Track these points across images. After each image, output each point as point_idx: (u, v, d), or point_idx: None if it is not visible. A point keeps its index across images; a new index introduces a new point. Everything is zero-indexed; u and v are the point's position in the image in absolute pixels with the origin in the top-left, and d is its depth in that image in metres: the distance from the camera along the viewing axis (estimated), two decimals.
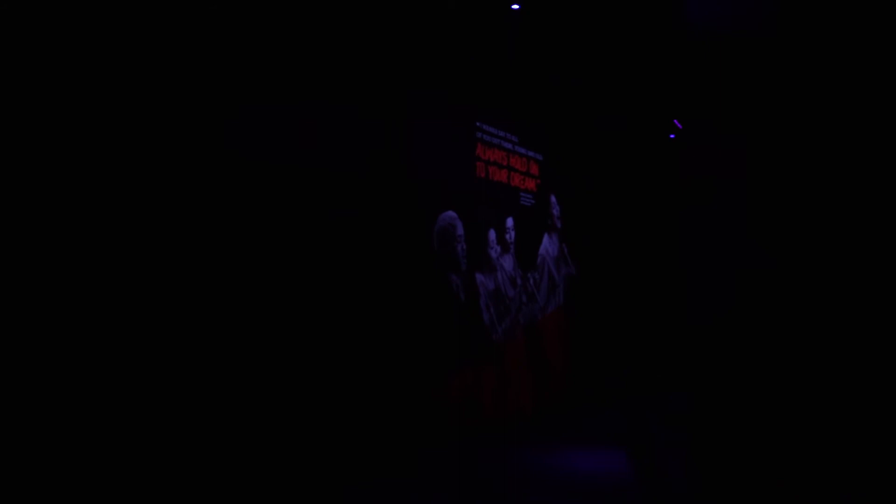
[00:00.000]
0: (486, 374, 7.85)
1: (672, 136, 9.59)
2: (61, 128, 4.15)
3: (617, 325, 10.35)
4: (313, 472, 5.50)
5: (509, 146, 8.54)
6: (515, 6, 7.28)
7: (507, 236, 8.40)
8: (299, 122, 5.63)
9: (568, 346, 9.62)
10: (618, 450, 6.39)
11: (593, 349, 10.02)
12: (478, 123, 7.98)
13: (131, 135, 4.47)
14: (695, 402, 6.67)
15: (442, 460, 6.61)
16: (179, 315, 4.64)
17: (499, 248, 8.22)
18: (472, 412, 7.50)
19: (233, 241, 5.05)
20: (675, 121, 8.89)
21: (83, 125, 4.24)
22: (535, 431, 8.06)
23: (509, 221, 8.45)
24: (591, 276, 10.12)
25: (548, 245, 9.34)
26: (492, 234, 8.09)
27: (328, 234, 5.87)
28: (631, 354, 10.81)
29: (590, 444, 7.33)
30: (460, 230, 7.47)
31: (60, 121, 4.15)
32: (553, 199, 9.50)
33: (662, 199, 11.70)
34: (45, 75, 4.09)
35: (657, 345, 11.88)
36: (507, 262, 8.42)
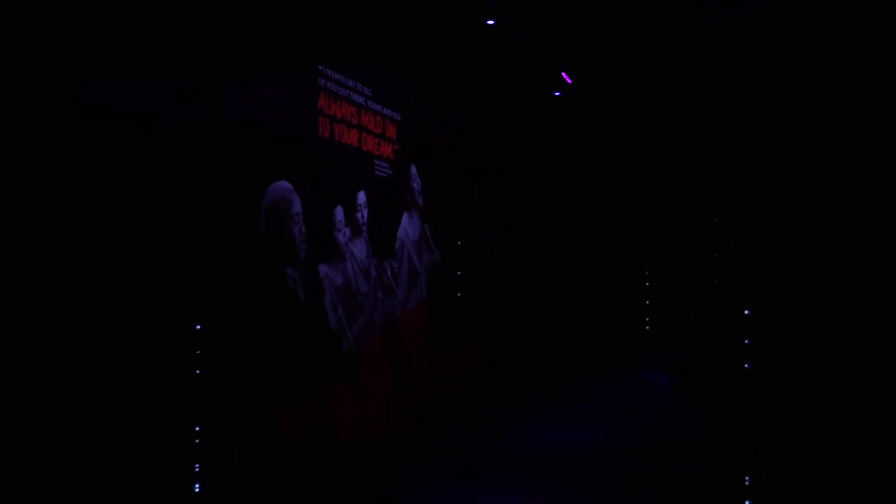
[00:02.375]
0: (336, 392, 6.27)
1: (558, 93, 8.40)
2: None
3: (497, 322, 9.15)
4: None
5: (361, 100, 6.94)
6: None
7: (359, 215, 6.82)
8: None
9: (434, 349, 8.21)
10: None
11: (462, 351, 8.71)
12: (320, 67, 6.31)
13: None
14: None
15: None
16: None
17: (348, 231, 6.62)
18: (322, 442, 5.90)
19: None
20: (564, 74, 7.69)
21: None
22: (402, 456, 6.61)
23: (361, 196, 6.87)
24: (459, 264, 8.78)
25: (407, 226, 7.86)
26: (339, 213, 6.47)
27: (97, 208, 4.03)
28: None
29: (475, 475, 5.98)
30: (297, 206, 5.80)
31: None
32: (413, 169, 8.02)
33: (552, 169, 10.62)
34: None
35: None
36: (359, 249, 6.84)
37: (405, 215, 7.82)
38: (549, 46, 7.81)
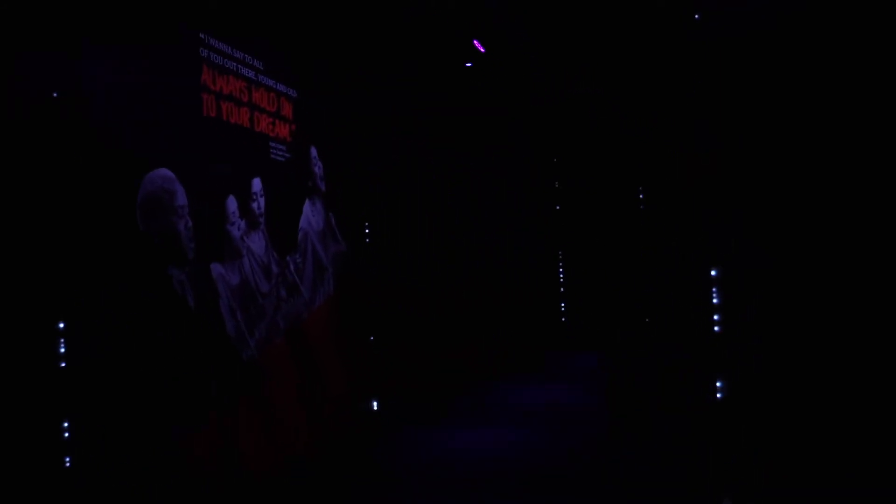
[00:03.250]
0: (239, 409, 5.53)
1: (469, 63, 7.82)
2: None
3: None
4: None
5: (251, 74, 6.15)
6: None
7: (255, 205, 6.06)
8: None
9: (347, 352, 7.55)
10: None
11: (380, 354, 8.09)
12: (202, 35, 5.50)
13: None
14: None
15: None
16: None
17: (243, 224, 5.86)
18: (225, 470, 5.17)
19: None
20: (476, 42, 7.13)
21: None
22: (314, 479, 5.97)
23: (256, 184, 6.11)
24: (369, 255, 8.13)
25: (310, 215, 7.14)
26: (232, 203, 5.71)
27: None
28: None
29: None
30: (181, 198, 5.00)
31: None
32: (314, 152, 7.29)
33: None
34: None
35: None
36: (257, 243, 6.09)
37: (307, 203, 7.10)
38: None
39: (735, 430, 4.97)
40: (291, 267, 6.62)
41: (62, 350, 3.87)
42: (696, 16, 5.46)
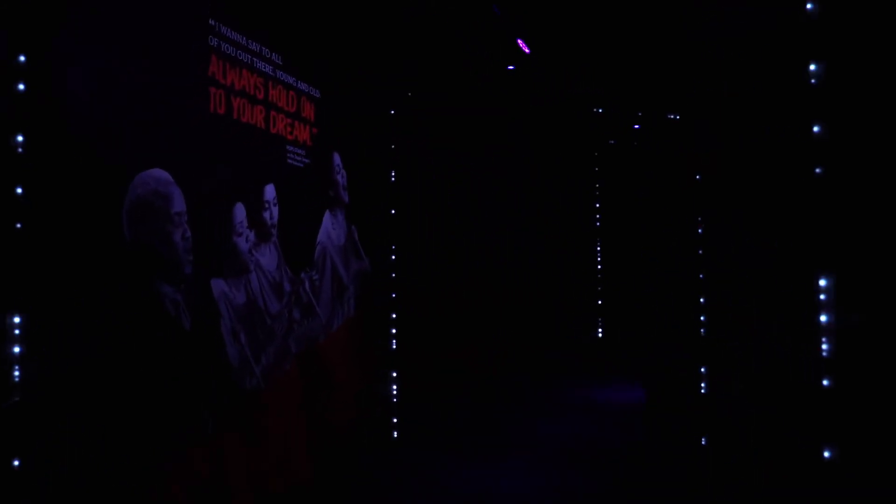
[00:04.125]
0: (238, 444, 4.91)
1: (512, 66, 7.18)
2: None
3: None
4: None
5: (268, 69, 5.58)
6: None
7: (267, 215, 5.46)
8: None
9: (367, 380, 6.91)
10: None
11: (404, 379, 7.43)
12: (212, 22, 4.93)
13: None
14: None
15: None
16: None
17: (252, 235, 5.26)
18: None
19: None
20: (521, 42, 6.48)
21: None
22: None
23: (269, 191, 5.52)
24: (396, 274, 7.48)
25: (330, 228, 6.52)
26: (239, 212, 5.11)
27: None
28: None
29: None
30: (179, 204, 4.41)
31: None
32: (337, 159, 6.69)
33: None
34: None
35: None
36: (268, 258, 5.48)
37: (327, 215, 6.48)
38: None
39: None
40: (307, 285, 6.00)
41: (16, 379, 3.27)
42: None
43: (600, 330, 13.04)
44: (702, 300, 6.77)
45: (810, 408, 4.47)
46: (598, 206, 13.06)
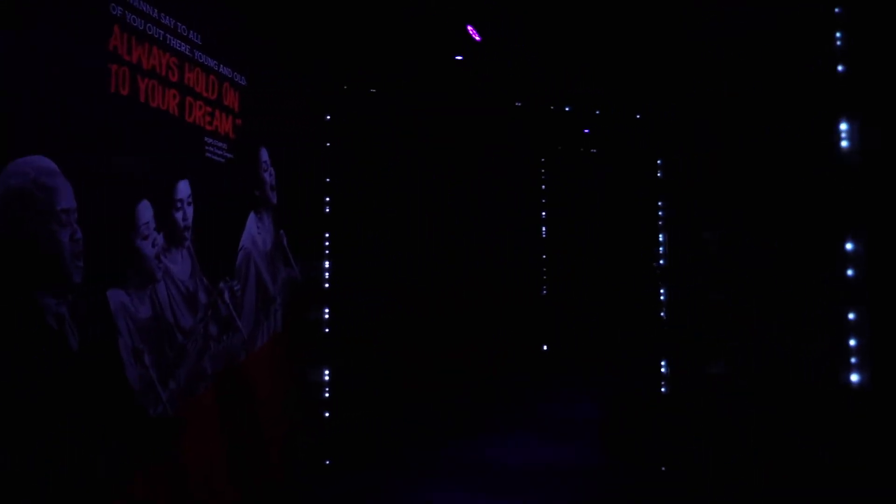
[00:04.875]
0: (140, 483, 4.21)
1: (460, 56, 6.63)
2: None
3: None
4: None
5: (185, 49, 4.90)
6: None
7: (179, 215, 4.77)
8: None
9: (300, 400, 6.24)
10: None
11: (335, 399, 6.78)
12: None
13: None
14: None
15: None
16: None
17: (161, 239, 4.56)
18: None
19: None
20: (471, 28, 5.94)
21: None
22: None
23: (183, 188, 4.83)
24: (330, 284, 6.83)
25: (255, 232, 5.86)
26: (145, 211, 4.41)
27: None
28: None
29: None
30: (67, 200, 3.71)
31: None
32: (265, 154, 6.03)
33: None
34: None
35: None
36: (180, 265, 4.79)
37: (252, 217, 5.81)
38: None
39: None
40: (226, 296, 5.32)
41: None
42: None
43: (545, 344, 12.58)
44: (662, 313, 6.41)
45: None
46: (543, 214, 12.66)
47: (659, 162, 6.45)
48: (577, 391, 10.06)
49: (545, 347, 12.08)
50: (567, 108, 7.91)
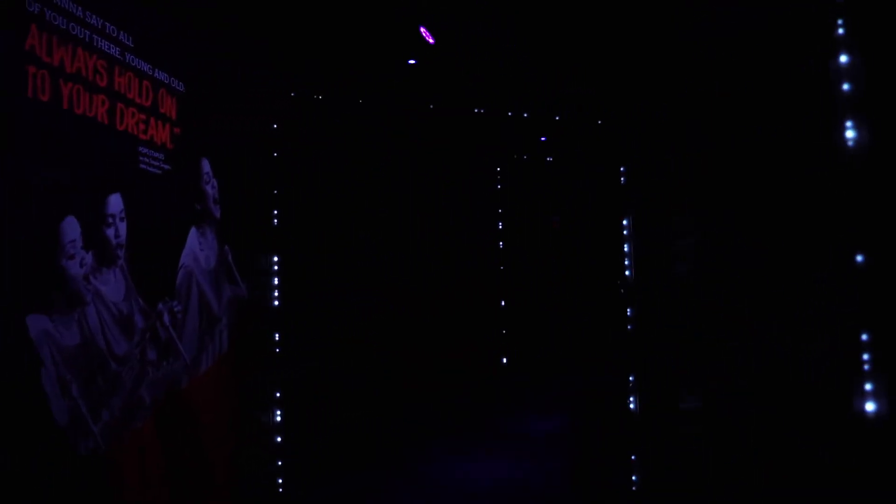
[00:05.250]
0: None
1: (413, 61, 6.35)
2: None
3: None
4: None
5: (115, 51, 4.54)
6: None
7: (110, 232, 4.40)
8: None
9: (250, 426, 5.87)
10: None
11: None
12: None
13: None
14: None
15: None
16: None
17: (90, 258, 4.19)
18: None
19: None
20: (424, 31, 5.67)
21: None
22: None
23: (114, 203, 4.46)
24: (280, 301, 6.48)
25: (197, 249, 5.49)
26: (71, 228, 4.03)
27: None
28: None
29: None
30: None
31: None
32: (207, 166, 5.67)
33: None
34: None
35: None
36: (112, 285, 4.41)
37: (193, 232, 5.44)
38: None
39: None
40: (166, 318, 4.94)
41: None
42: None
43: (504, 357, 12.27)
44: (629, 312, 6.21)
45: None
46: (500, 225, 12.44)
47: (622, 168, 6.26)
48: (538, 405, 9.82)
49: (504, 360, 11.81)
50: (525, 115, 7.70)
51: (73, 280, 4.03)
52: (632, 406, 5.91)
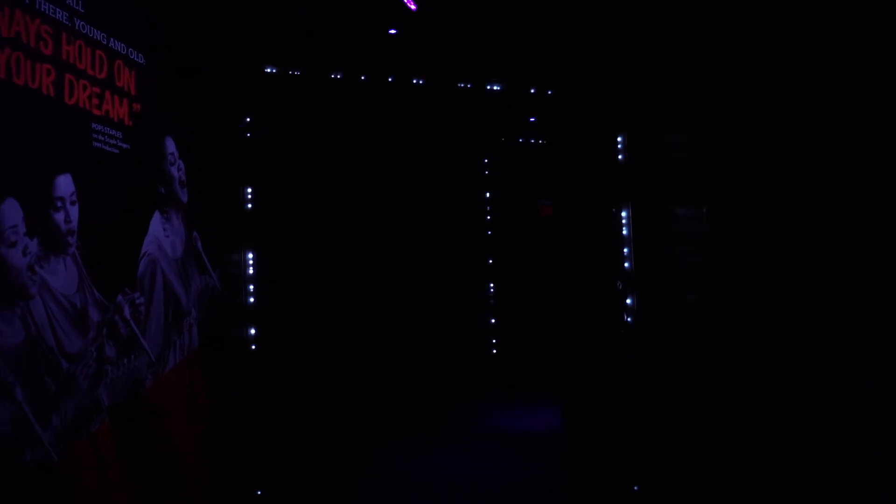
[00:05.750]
0: None
1: (394, 31, 5.90)
2: None
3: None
4: None
5: (62, 16, 4.09)
6: None
7: (60, 217, 3.97)
8: None
9: (221, 430, 5.46)
10: None
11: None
12: None
13: None
14: None
15: None
16: None
17: (34, 245, 3.76)
18: None
19: None
20: None
21: None
22: None
23: (64, 184, 4.03)
24: (256, 291, 6.06)
25: (161, 236, 5.06)
26: (11, 212, 3.60)
27: None
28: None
29: None
30: None
31: None
32: (171, 145, 5.24)
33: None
34: None
35: None
36: (62, 276, 3.99)
37: (157, 218, 5.01)
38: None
39: None
40: (126, 311, 4.52)
41: None
42: None
43: (493, 347, 11.85)
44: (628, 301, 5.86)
45: None
46: (488, 209, 12.02)
47: (620, 145, 5.86)
48: (531, 400, 9.46)
49: (494, 352, 11.43)
50: (509, 88, 7.24)
51: (14, 270, 3.60)
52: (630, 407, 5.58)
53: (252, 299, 6.04)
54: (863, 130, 4.29)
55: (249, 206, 6.06)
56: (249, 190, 6.00)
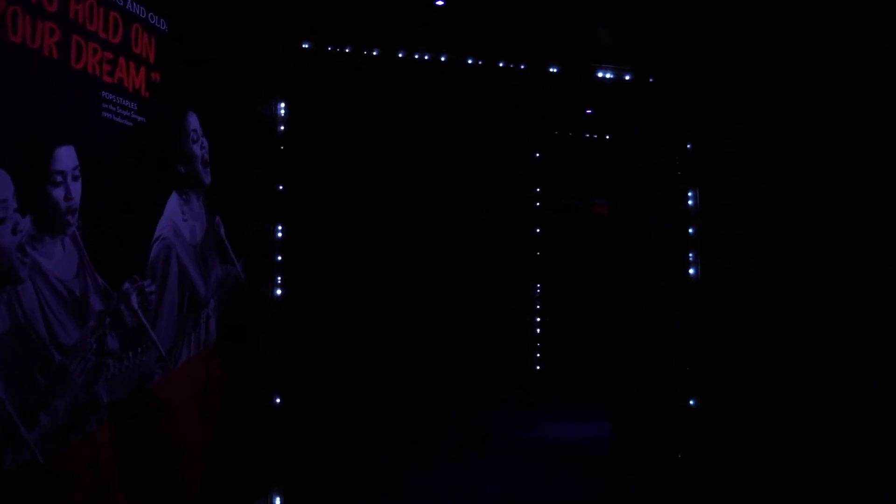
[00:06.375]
0: None
1: (441, 2, 5.42)
2: None
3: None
4: None
5: None
6: None
7: (59, 193, 3.58)
8: None
9: (238, 436, 5.07)
10: None
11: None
12: None
13: None
14: None
15: None
16: None
17: (26, 223, 3.38)
18: None
19: None
20: None
21: None
22: None
23: (65, 157, 3.64)
24: (284, 282, 5.65)
25: (179, 219, 4.67)
26: (1, 185, 3.23)
27: None
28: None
29: None
30: None
31: None
32: (195, 121, 4.84)
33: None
34: None
35: None
36: (59, 258, 3.61)
37: (174, 199, 4.62)
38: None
39: None
40: (133, 300, 4.13)
41: None
42: None
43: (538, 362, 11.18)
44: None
45: None
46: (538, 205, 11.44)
47: (689, 147, 5.42)
48: (573, 413, 8.90)
49: (538, 367, 10.84)
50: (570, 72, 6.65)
51: (6, 252, 3.22)
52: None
53: (279, 291, 5.63)
54: (867, 131, 4.35)
55: (280, 188, 5.64)
56: (277, 176, 5.59)
